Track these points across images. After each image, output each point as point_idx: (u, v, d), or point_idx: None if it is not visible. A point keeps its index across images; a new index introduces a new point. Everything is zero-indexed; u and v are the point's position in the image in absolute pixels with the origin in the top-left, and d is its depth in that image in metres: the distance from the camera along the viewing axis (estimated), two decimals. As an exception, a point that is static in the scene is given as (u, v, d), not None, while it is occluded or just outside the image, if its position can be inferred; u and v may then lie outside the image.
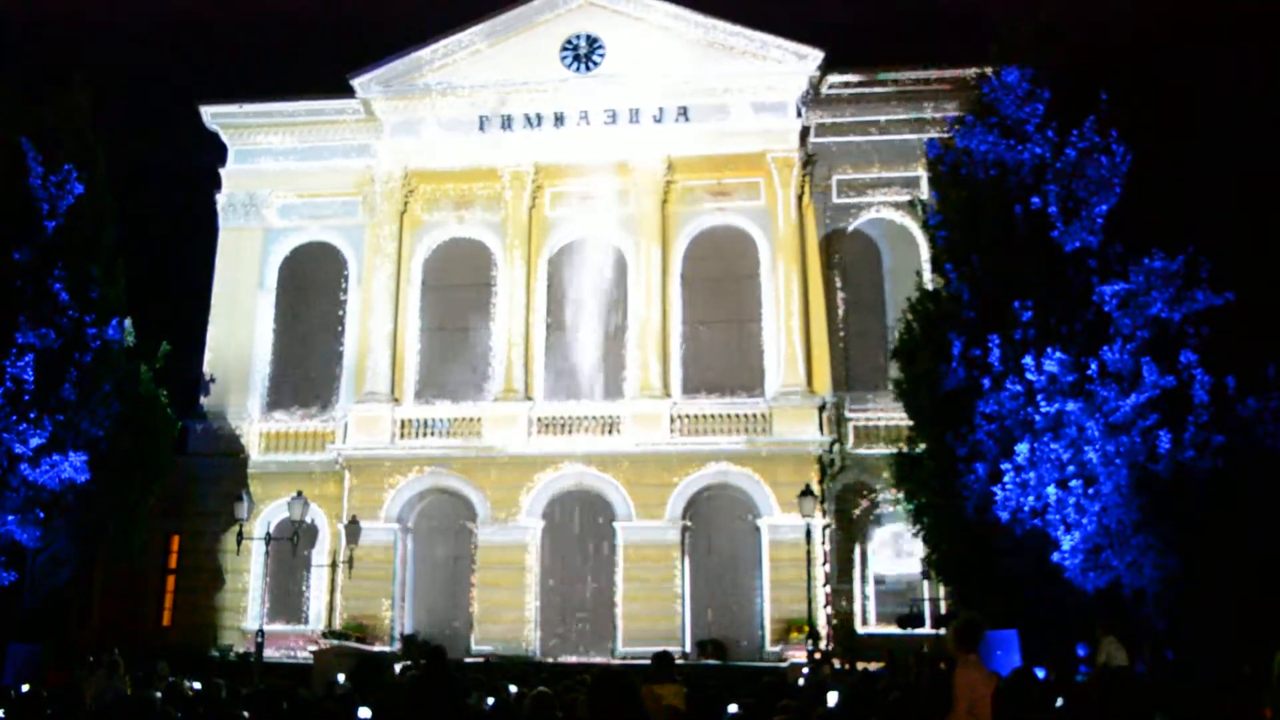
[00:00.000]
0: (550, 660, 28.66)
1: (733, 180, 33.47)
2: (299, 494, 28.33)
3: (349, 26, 50.43)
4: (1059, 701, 12.86)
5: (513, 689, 15.93)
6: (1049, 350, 20.32)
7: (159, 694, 12.18)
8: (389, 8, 55.46)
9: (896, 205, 32.14)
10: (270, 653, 27.50)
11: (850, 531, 30.03)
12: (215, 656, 29.34)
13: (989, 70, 23.93)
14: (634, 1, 34.07)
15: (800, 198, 33.04)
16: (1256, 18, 29.61)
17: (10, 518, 22.77)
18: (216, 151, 36.10)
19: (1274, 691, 12.32)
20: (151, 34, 44.97)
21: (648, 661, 12.09)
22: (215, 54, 49.50)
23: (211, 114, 35.70)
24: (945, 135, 24.69)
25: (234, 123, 35.77)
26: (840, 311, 32.95)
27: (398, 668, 23.83)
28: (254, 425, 33.58)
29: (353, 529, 29.16)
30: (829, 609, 29.64)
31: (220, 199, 35.52)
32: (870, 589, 30.92)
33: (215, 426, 33.35)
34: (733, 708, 12.49)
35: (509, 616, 30.39)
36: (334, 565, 30.86)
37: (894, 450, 25.25)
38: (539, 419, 31.83)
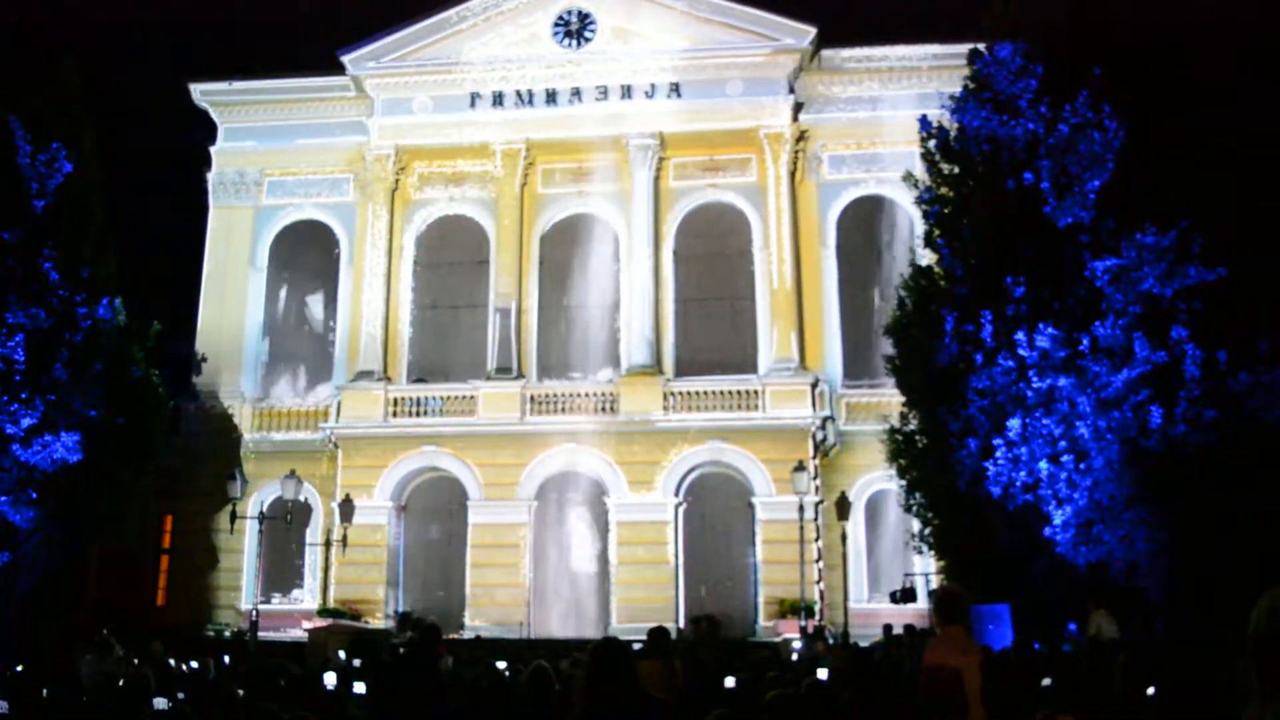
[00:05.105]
0: (544, 637, 28.75)
1: (725, 156, 33.37)
2: (292, 473, 28.35)
3: (340, 2, 50.07)
4: (1047, 678, 12.92)
5: (501, 665, 16.00)
6: (1041, 326, 20.28)
7: (153, 674, 12.19)
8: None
9: (889, 181, 31.98)
10: (265, 631, 27.58)
11: (843, 507, 30.04)
12: (210, 635, 29.42)
13: (982, 46, 23.84)
14: (625, -23, 33.88)
15: (793, 174, 32.96)
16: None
17: (3, 499, 22.72)
18: (206, 130, 35.89)
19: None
20: (140, 11, 44.65)
21: (643, 638, 12.13)
22: (205, 31, 49.20)
23: (201, 92, 35.47)
24: (938, 110, 24.57)
25: (224, 100, 35.54)
26: (833, 287, 32.93)
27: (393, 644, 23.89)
28: (247, 404, 33.55)
29: (346, 508, 29.17)
30: (822, 585, 29.76)
31: (210, 177, 35.37)
32: (863, 564, 31.03)
33: (208, 406, 33.29)
34: (729, 681, 12.59)
35: (502, 594, 30.45)
36: (328, 544, 30.89)
37: (887, 426, 25.30)
38: (532, 396, 31.80)
